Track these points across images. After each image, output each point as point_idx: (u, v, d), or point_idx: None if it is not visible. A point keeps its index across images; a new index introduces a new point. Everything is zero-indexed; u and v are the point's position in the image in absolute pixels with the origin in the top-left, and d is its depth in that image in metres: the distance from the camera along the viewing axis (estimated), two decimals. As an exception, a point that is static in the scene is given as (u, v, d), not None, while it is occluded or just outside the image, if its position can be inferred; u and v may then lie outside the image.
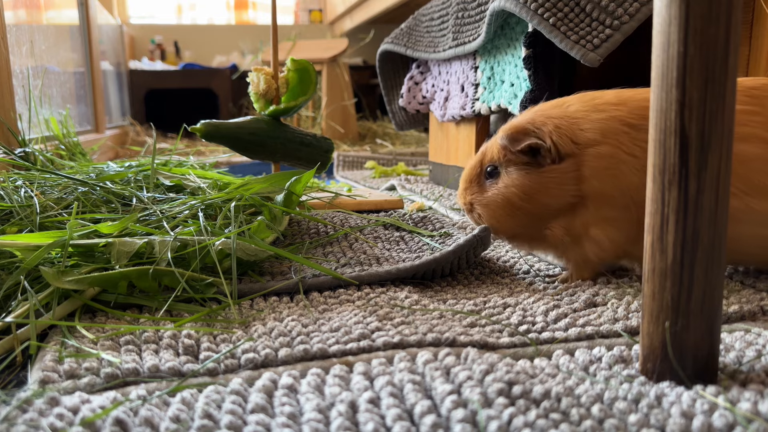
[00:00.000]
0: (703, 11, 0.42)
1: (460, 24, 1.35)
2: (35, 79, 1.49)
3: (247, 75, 1.13)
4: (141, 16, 4.26)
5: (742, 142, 0.64)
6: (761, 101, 0.66)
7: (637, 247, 0.68)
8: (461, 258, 0.77)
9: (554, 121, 0.69)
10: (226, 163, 2.09)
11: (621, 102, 0.68)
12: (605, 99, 0.70)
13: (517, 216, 0.72)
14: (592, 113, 0.68)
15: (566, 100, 0.72)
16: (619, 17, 0.99)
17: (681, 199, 0.44)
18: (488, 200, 0.74)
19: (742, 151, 0.64)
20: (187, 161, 1.26)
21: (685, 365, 0.46)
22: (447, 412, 0.42)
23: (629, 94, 0.70)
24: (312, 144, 1.16)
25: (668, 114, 0.44)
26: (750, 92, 0.66)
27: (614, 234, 0.69)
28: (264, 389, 0.46)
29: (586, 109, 0.69)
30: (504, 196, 0.72)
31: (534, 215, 0.71)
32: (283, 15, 4.33)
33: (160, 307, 0.63)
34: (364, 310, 0.63)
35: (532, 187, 0.70)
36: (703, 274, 0.44)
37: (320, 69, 2.89)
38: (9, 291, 0.62)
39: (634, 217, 0.67)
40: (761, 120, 0.65)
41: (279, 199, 0.90)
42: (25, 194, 0.84)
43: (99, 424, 0.40)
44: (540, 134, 0.69)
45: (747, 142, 0.64)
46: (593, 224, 0.69)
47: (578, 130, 0.68)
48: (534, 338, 0.57)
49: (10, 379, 0.52)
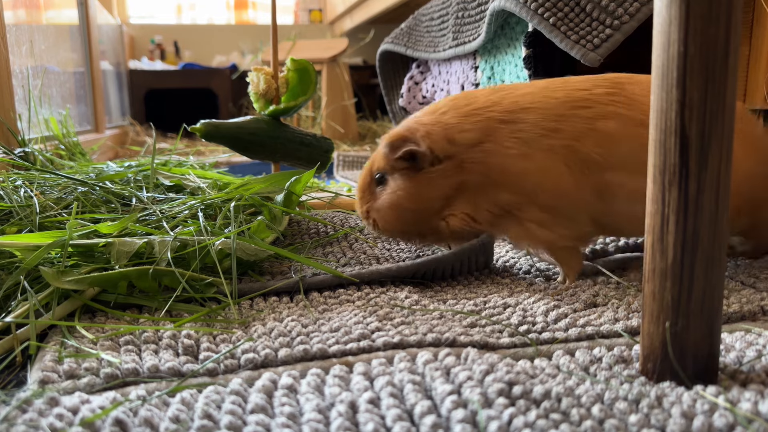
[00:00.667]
0: (704, 11, 0.42)
1: (460, 24, 1.35)
2: (35, 79, 1.49)
3: (247, 75, 1.13)
4: (141, 15, 4.26)
5: (608, 119, 0.70)
6: (621, 85, 0.71)
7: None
8: (463, 263, 0.76)
9: (426, 128, 0.75)
10: (226, 163, 2.09)
11: (493, 104, 0.74)
12: (478, 104, 0.75)
13: (406, 216, 0.77)
14: (471, 117, 0.74)
15: (439, 106, 0.78)
16: (620, 17, 0.99)
17: (681, 200, 0.44)
18: (379, 206, 0.79)
19: (604, 127, 0.70)
20: (186, 161, 1.26)
21: (685, 365, 0.46)
22: (447, 412, 0.42)
23: (500, 95, 0.75)
24: (312, 144, 1.15)
25: (668, 114, 0.44)
26: (611, 79, 0.73)
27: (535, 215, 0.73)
28: (264, 389, 0.46)
29: (463, 114, 0.75)
30: (392, 201, 0.77)
31: (421, 213, 0.76)
32: (283, 15, 4.33)
33: (160, 307, 0.63)
34: (364, 310, 0.63)
35: (415, 188, 0.75)
36: (703, 274, 0.44)
37: (320, 69, 2.89)
38: (9, 291, 0.62)
39: (540, 198, 0.72)
40: (621, 99, 0.70)
41: (279, 199, 0.90)
42: (25, 194, 0.83)
43: (98, 425, 0.40)
44: (415, 140, 0.74)
45: (611, 119, 0.70)
46: (526, 214, 0.73)
47: (457, 133, 0.73)
48: (534, 338, 0.57)
49: (10, 379, 0.52)
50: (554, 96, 0.73)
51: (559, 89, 0.73)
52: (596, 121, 0.70)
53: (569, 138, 0.70)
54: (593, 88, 0.72)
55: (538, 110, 0.72)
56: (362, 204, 0.81)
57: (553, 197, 0.71)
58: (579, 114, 0.71)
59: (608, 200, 0.71)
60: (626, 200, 0.70)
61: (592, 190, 0.70)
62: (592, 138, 0.69)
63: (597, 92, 0.71)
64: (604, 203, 0.71)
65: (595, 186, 0.70)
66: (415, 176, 0.75)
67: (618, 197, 0.70)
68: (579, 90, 0.72)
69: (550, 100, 0.72)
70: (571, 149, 0.70)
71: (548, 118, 0.71)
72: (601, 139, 0.69)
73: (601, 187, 0.70)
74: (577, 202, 0.71)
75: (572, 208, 0.72)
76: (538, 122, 0.71)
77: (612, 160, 0.69)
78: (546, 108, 0.72)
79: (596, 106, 0.70)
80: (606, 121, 0.70)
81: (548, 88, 0.74)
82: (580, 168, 0.70)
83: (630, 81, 0.72)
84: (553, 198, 0.71)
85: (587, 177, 0.70)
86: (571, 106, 0.71)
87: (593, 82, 0.73)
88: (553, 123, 0.71)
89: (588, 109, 0.70)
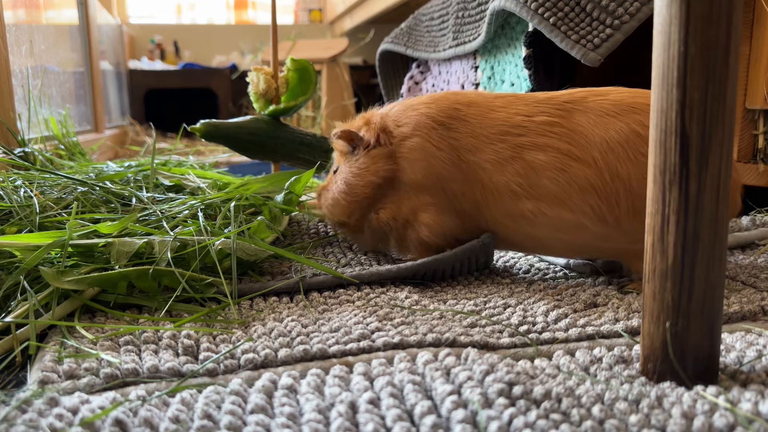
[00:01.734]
0: (704, 11, 0.42)
1: (460, 23, 1.34)
2: (35, 78, 1.49)
3: (247, 75, 1.13)
4: (140, 15, 4.26)
5: (538, 150, 0.70)
6: (568, 113, 0.71)
7: (468, 234, 0.76)
8: (463, 263, 0.76)
9: (366, 118, 0.80)
10: (226, 163, 2.09)
11: (432, 101, 0.77)
12: (420, 99, 0.78)
13: (344, 203, 0.80)
14: (408, 111, 0.77)
15: (394, 106, 0.82)
16: (620, 17, 0.99)
17: (682, 200, 0.44)
18: (329, 195, 0.82)
19: (534, 159, 0.70)
20: (186, 161, 1.26)
21: (685, 366, 0.46)
22: (447, 412, 0.42)
23: (441, 95, 0.78)
24: (312, 144, 1.15)
25: (669, 114, 0.44)
26: (562, 105, 0.71)
27: (438, 217, 0.75)
28: (264, 390, 0.46)
29: (404, 107, 0.78)
30: (337, 187, 0.80)
31: (356, 202, 0.79)
32: (283, 15, 4.33)
33: (160, 308, 0.63)
34: (364, 311, 0.63)
35: (351, 171, 0.79)
36: (704, 274, 0.44)
37: (320, 69, 2.89)
38: (8, 291, 0.62)
39: (450, 204, 0.75)
40: (559, 131, 0.70)
41: (279, 199, 0.90)
42: (25, 194, 0.83)
43: (98, 425, 0.40)
44: (351, 127, 0.80)
45: (542, 151, 0.70)
46: (420, 210, 0.76)
47: (395, 126, 0.77)
48: (534, 338, 0.57)
49: (10, 380, 0.51)
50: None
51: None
52: (533, 152, 0.70)
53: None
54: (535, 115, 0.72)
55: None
56: (319, 199, 0.85)
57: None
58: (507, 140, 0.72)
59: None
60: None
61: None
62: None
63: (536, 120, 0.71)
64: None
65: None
66: (352, 159, 0.79)
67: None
68: (518, 115, 0.73)
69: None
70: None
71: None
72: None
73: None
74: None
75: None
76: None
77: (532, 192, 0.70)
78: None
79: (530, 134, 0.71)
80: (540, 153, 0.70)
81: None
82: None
83: (583, 107, 0.71)
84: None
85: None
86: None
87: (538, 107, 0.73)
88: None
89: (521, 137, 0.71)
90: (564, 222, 0.69)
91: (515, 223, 0.72)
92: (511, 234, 0.74)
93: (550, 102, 0.72)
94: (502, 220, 0.73)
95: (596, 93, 0.72)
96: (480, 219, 0.74)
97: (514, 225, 0.72)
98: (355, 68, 3.51)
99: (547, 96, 0.73)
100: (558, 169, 0.69)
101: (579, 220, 0.68)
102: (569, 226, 0.69)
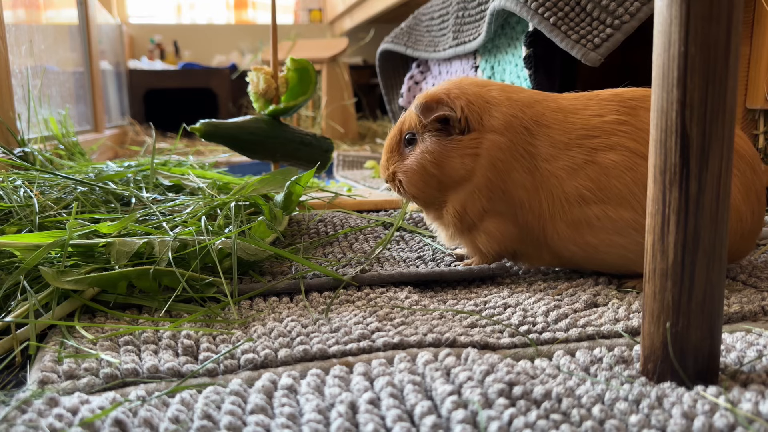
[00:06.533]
0: (704, 11, 0.42)
1: (460, 23, 1.34)
2: (34, 78, 1.49)
3: (247, 74, 1.13)
4: (140, 15, 4.26)
5: (609, 150, 0.68)
6: (634, 111, 0.69)
7: (524, 246, 0.73)
8: (466, 278, 0.76)
9: (469, 97, 0.73)
10: (226, 163, 2.09)
11: (528, 105, 0.72)
12: (519, 98, 0.73)
13: (430, 183, 0.75)
14: (503, 106, 0.72)
15: (490, 83, 0.76)
16: (620, 16, 0.99)
17: (682, 200, 0.44)
18: (407, 167, 0.76)
19: (605, 159, 0.68)
20: (186, 161, 1.26)
21: (686, 366, 0.46)
22: (447, 412, 0.42)
23: (541, 97, 0.74)
24: (312, 144, 1.15)
25: (669, 114, 0.44)
26: (627, 102, 0.70)
27: (503, 227, 0.72)
28: (263, 390, 0.46)
29: (502, 99, 0.73)
30: (419, 162, 0.74)
31: (442, 184, 0.74)
32: (282, 14, 4.33)
33: (160, 308, 0.63)
34: (364, 311, 0.63)
35: (442, 153, 0.73)
36: (704, 274, 0.44)
37: (320, 68, 2.89)
38: (8, 291, 0.62)
39: (515, 214, 0.72)
40: (629, 129, 0.68)
41: (279, 199, 0.90)
42: (25, 194, 0.83)
43: (98, 425, 0.40)
44: (452, 105, 0.72)
45: (613, 150, 0.68)
46: (487, 216, 0.72)
47: (488, 115, 0.72)
48: (534, 339, 0.57)
49: (10, 380, 0.51)
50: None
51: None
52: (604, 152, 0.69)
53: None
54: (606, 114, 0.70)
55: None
56: (389, 165, 0.78)
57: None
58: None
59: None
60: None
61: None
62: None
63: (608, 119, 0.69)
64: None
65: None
66: (443, 140, 0.73)
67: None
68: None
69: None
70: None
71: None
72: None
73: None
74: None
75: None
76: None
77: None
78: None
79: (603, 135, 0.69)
80: (611, 153, 0.68)
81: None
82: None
83: (647, 105, 0.69)
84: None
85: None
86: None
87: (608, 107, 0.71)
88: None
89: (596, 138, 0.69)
90: (624, 222, 0.68)
91: (576, 231, 0.70)
92: (567, 244, 0.71)
93: (615, 100, 0.71)
94: (563, 231, 0.70)
95: None
96: (539, 231, 0.72)
97: (574, 234, 0.70)
98: (355, 68, 3.51)
99: (612, 93, 0.72)
100: (627, 168, 0.67)
101: (638, 220, 0.67)
102: (628, 227, 0.68)
